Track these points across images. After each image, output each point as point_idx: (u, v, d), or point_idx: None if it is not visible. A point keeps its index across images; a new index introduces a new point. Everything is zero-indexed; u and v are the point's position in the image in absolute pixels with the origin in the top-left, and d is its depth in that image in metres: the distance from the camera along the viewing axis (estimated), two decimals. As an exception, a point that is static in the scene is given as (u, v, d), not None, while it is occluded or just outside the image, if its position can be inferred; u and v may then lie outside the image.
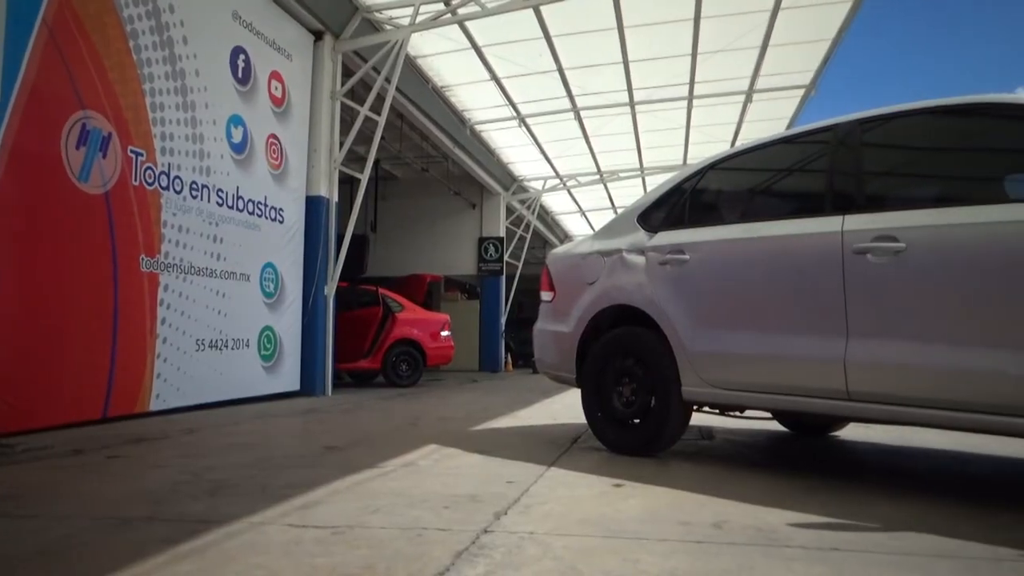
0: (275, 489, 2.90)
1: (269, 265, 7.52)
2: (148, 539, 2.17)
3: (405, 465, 3.53)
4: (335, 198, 8.61)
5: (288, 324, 7.86)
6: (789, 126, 12.01)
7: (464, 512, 2.53)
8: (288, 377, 7.85)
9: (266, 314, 7.45)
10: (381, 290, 11.11)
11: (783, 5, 8.43)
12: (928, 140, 3.24)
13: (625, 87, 10.91)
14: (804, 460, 3.92)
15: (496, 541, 2.16)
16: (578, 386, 4.18)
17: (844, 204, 3.15)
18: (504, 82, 10.75)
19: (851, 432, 4.83)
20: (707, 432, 4.85)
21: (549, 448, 4.08)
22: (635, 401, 3.84)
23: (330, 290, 8.41)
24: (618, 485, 3.03)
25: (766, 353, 3.28)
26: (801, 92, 11.22)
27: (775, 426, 4.93)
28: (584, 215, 20.54)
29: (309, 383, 8.10)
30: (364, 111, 8.53)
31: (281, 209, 7.75)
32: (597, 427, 4.02)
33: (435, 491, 2.89)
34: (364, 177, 8.82)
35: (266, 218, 7.47)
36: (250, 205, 7.16)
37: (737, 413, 3.99)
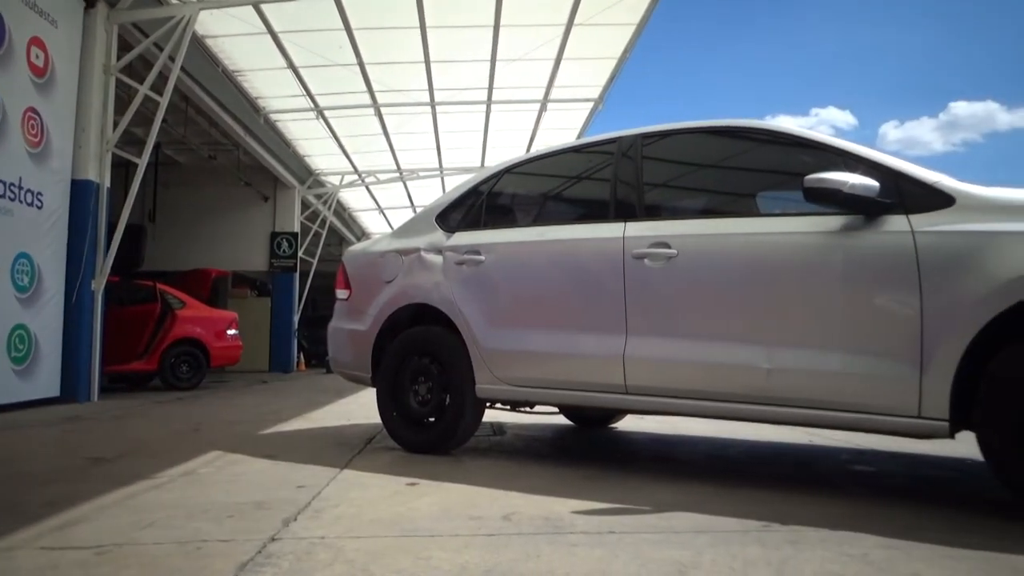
0: (29, 508, 2.57)
1: (23, 256, 6.61)
2: None
3: (184, 474, 3.28)
4: (107, 183, 7.77)
5: (46, 323, 6.97)
6: (579, 136, 12.73)
7: (250, 521, 2.40)
8: (46, 382, 6.95)
9: (18, 311, 6.55)
10: (159, 285, 10.25)
11: (576, 22, 8.91)
12: (697, 157, 3.59)
13: (427, 87, 10.95)
14: (586, 451, 4.17)
15: (284, 549, 2.07)
16: (373, 385, 4.14)
17: (626, 212, 3.40)
18: (302, 72, 10.34)
19: (628, 423, 5.22)
20: (499, 428, 5.01)
21: (342, 450, 3.99)
22: (431, 400, 3.87)
23: (98, 285, 7.59)
24: (412, 484, 3.03)
25: (555, 351, 3.45)
26: (590, 105, 11.92)
27: (561, 420, 5.20)
28: (383, 213, 20.32)
29: (72, 388, 7.23)
30: (144, 90, 7.80)
31: (40, 193, 6.85)
32: (392, 427, 4.00)
33: (218, 500, 2.72)
34: (142, 162, 8.07)
35: (20, 202, 6.57)
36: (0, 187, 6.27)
37: (527, 408, 4.16)
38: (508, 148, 13.25)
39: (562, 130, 12.77)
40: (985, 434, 2.41)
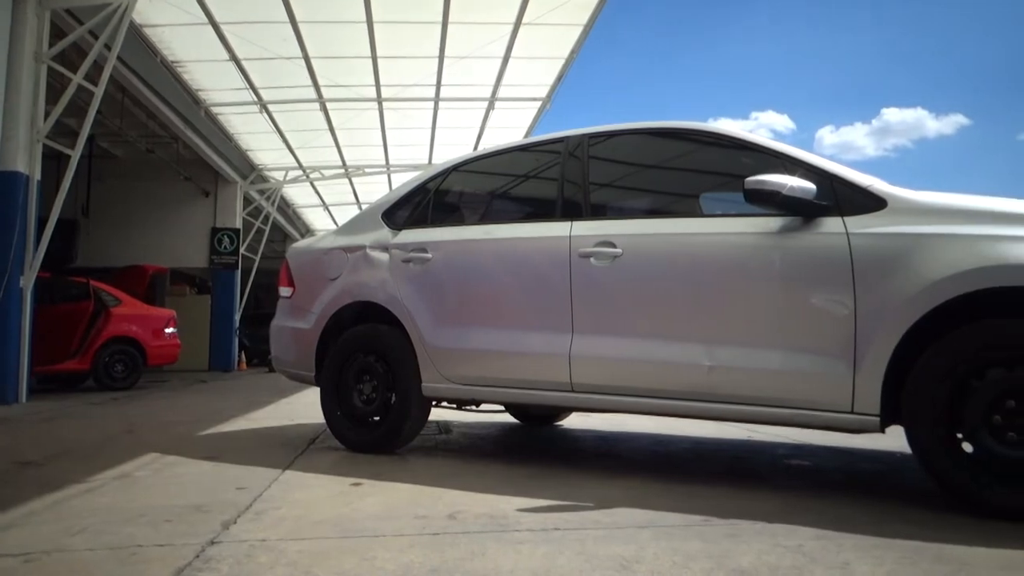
0: (-54, 515, 2.45)
1: (-56, 250, 6.30)
2: None
3: (119, 477, 3.18)
4: (37, 175, 7.43)
5: (-30, 320, 6.66)
6: (526, 135, 12.77)
7: (188, 524, 2.34)
8: (-32, 382, 6.64)
9: (-62, 308, 6.24)
10: (93, 282, 9.89)
11: (524, 21, 8.94)
12: (643, 157, 3.65)
13: (373, 82, 10.83)
14: (532, 449, 4.20)
15: (224, 552, 2.02)
16: (317, 385, 4.08)
17: (572, 211, 3.42)
18: (245, 64, 10.10)
19: (573, 421, 5.26)
20: (445, 426, 4.99)
21: (285, 450, 3.92)
22: (376, 399, 3.83)
23: (27, 281, 7.27)
24: (356, 484, 3.00)
25: (502, 349, 3.46)
26: (538, 104, 11.97)
27: (507, 418, 5.21)
28: (328, 210, 20.01)
29: (-3, 389, 6.92)
30: (77, 79, 7.51)
31: (-38, 184, 6.53)
32: (336, 426, 3.95)
33: (154, 504, 2.64)
34: (75, 154, 7.76)
35: (-59, 194, 6.25)
36: (-82, 177, 5.95)
37: (473, 407, 4.16)
38: (456, 146, 13.21)
39: (510, 129, 12.79)
40: (912, 428, 2.51)
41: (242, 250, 15.81)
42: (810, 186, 2.76)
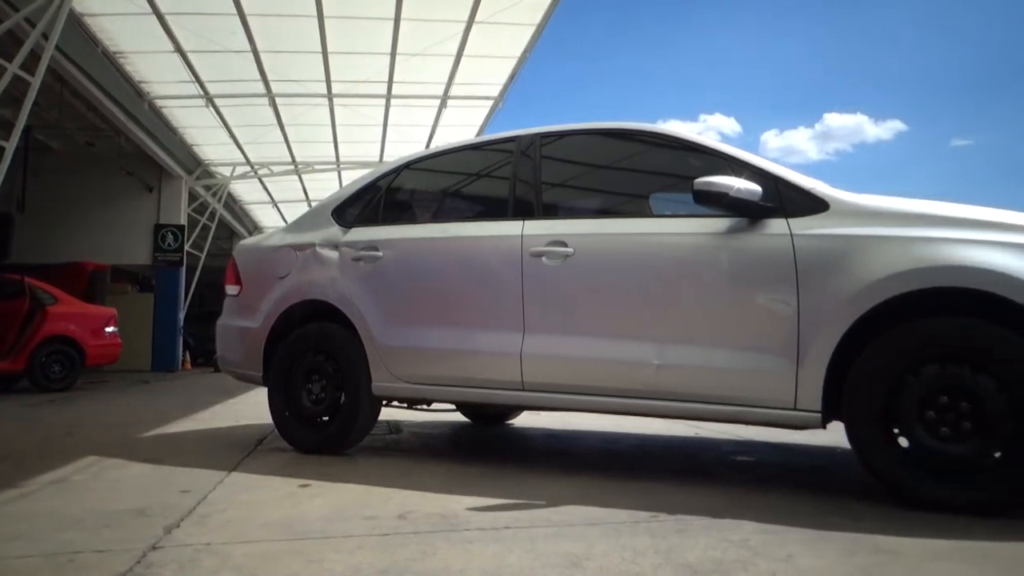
0: None
1: None
2: None
3: (56, 482, 3.07)
4: (-32, 169, 7.15)
5: None
6: (478, 134, 12.76)
7: (128, 529, 2.27)
8: None
9: None
10: (28, 279, 9.53)
11: (477, 19, 8.93)
12: (594, 158, 3.68)
13: (324, 78, 10.69)
14: (483, 448, 4.20)
15: (166, 557, 1.98)
16: (264, 385, 4.01)
17: (524, 210, 3.43)
18: (191, 56, 9.86)
19: (524, 420, 5.28)
20: (395, 426, 4.96)
21: (231, 452, 3.84)
22: (325, 398, 3.78)
23: (-43, 278, 6.97)
24: (305, 485, 2.96)
25: (453, 348, 3.45)
26: (490, 103, 11.97)
27: (458, 417, 5.20)
28: (276, 207, 19.66)
29: (-76, 390, 6.62)
30: (13, 69, 7.21)
31: None
32: (284, 427, 3.89)
33: (93, 508, 2.56)
34: (10, 146, 7.45)
35: None
36: None
37: (424, 406, 4.14)
38: (408, 143, 13.11)
39: (462, 127, 12.76)
40: (851, 424, 2.59)
41: (187, 247, 15.41)
42: (756, 188, 2.82)
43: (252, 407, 6.36)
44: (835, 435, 2.90)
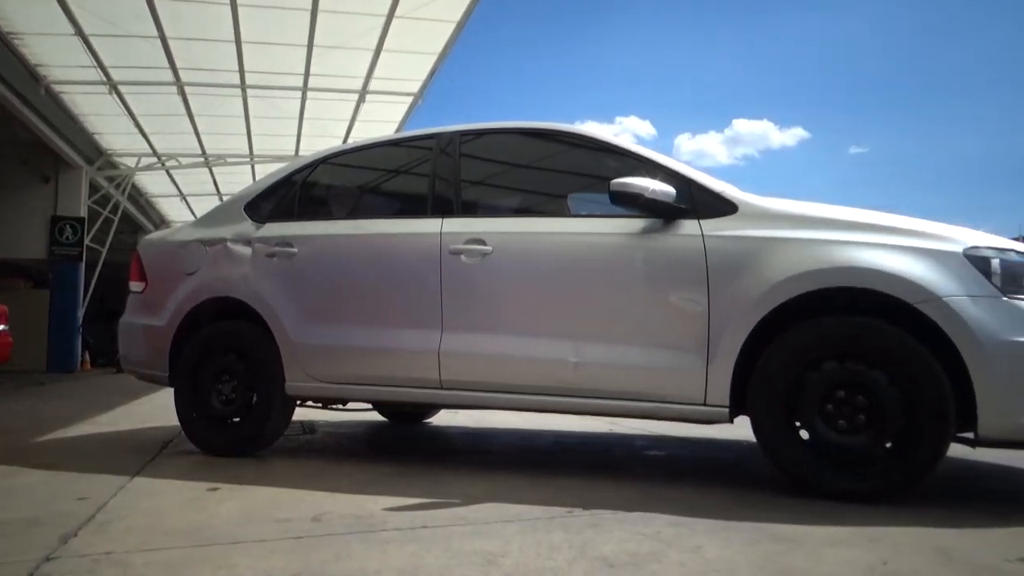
0: None
1: None
2: None
3: (-64, 490, 2.86)
4: None
5: None
6: (398, 130, 12.62)
7: (20, 540, 2.14)
8: None
9: None
10: (-93, 273, 8.86)
11: (397, 14, 8.82)
12: (513, 157, 3.70)
13: (237, 68, 10.32)
14: (400, 447, 4.16)
15: (62, 568, 1.87)
16: (170, 385, 3.85)
17: (443, 208, 3.42)
18: (93, 40, 9.32)
19: (441, 418, 5.26)
20: (309, 426, 4.86)
21: (134, 456, 3.67)
22: (236, 399, 3.66)
23: None
24: (213, 488, 2.86)
25: (370, 346, 3.41)
26: (410, 99, 11.84)
27: (374, 416, 5.14)
28: (185, 200, 18.86)
29: None
30: None
31: None
32: (192, 428, 3.74)
33: (-21, 518, 2.40)
34: None
35: None
36: None
37: (340, 405, 4.07)
38: (325, 138, 12.81)
39: (381, 123, 12.58)
40: (756, 418, 2.71)
41: (87, 241, 14.61)
42: (670, 189, 2.90)
43: (157, 409, 6.09)
44: (743, 429, 3.01)
